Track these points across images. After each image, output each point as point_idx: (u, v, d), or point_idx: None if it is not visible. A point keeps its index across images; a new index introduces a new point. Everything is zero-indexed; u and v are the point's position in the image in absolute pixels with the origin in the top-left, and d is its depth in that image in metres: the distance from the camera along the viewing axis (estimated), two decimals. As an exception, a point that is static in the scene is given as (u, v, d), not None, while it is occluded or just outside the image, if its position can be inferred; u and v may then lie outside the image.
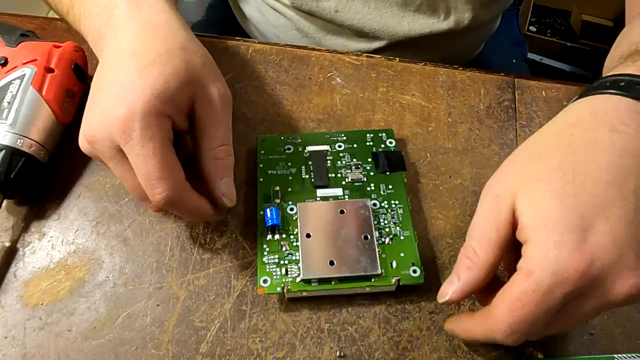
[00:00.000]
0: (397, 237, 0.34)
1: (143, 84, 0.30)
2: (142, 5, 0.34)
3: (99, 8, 0.34)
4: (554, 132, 0.28)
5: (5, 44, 0.39)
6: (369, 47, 0.54)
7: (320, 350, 0.31)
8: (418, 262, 0.32)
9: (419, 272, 0.32)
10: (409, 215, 0.34)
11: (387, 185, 0.36)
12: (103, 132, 0.30)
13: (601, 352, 0.32)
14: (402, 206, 0.35)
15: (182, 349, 0.31)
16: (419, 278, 0.32)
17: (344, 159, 0.37)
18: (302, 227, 0.33)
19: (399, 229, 0.34)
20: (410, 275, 0.32)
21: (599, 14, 1.34)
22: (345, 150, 0.38)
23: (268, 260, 0.33)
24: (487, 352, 0.31)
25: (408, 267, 0.32)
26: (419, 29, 0.52)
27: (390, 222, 0.34)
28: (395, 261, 0.33)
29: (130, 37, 0.32)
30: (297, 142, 0.38)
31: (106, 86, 0.31)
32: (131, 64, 0.30)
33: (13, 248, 0.35)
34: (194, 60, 0.32)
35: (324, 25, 0.54)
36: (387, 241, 0.33)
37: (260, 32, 0.62)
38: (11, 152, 0.34)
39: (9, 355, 0.31)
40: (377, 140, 0.38)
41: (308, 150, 0.38)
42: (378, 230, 0.34)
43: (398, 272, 0.32)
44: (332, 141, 0.38)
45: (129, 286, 0.33)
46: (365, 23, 0.51)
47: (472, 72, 0.45)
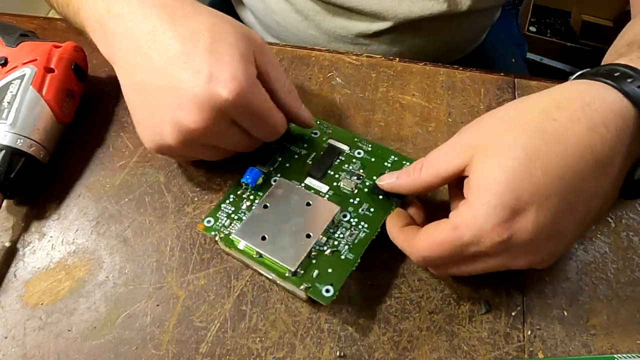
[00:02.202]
0: (338, 254, 0.32)
1: (224, 60, 0.31)
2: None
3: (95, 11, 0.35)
4: (540, 108, 0.29)
5: (5, 44, 0.39)
6: (369, 28, 0.54)
7: (320, 350, 0.31)
8: (337, 286, 0.31)
9: (332, 293, 0.30)
10: (366, 243, 0.33)
11: (370, 207, 0.34)
12: (217, 118, 0.31)
13: (601, 352, 0.32)
14: (367, 232, 0.33)
15: (182, 349, 0.31)
16: (327, 299, 0.30)
17: (352, 165, 0.37)
18: (267, 198, 0.34)
19: (346, 248, 0.32)
20: (321, 291, 0.31)
21: (599, 14, 1.34)
22: (360, 159, 0.37)
23: (224, 207, 0.35)
24: (486, 352, 0.31)
25: (325, 283, 0.31)
26: (418, 10, 0.52)
27: (344, 238, 0.33)
28: (318, 271, 0.31)
29: (157, 22, 0.32)
30: (326, 131, 0.39)
31: (183, 78, 0.30)
32: (188, 47, 0.31)
33: (13, 248, 0.35)
34: (228, 19, 0.34)
35: (324, 7, 0.54)
36: (327, 251, 0.32)
37: (260, 21, 0.62)
38: (11, 152, 0.34)
39: (9, 355, 0.31)
40: (396, 165, 0.37)
41: (328, 142, 0.38)
42: (328, 238, 0.33)
43: (313, 282, 0.31)
44: (356, 145, 0.38)
45: (129, 286, 0.33)
46: (366, 4, 0.51)
47: (472, 72, 0.45)
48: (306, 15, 0.55)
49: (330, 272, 0.32)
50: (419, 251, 0.30)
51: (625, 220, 0.37)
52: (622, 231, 0.37)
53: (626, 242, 0.36)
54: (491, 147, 0.28)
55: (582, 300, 0.34)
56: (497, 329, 0.32)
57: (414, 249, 0.30)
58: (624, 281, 0.34)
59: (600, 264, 0.35)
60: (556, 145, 0.27)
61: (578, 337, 0.32)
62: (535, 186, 0.26)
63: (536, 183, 0.26)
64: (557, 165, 0.27)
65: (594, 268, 0.35)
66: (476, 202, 0.27)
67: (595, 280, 0.34)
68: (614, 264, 0.35)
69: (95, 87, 0.42)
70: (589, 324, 0.33)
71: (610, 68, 0.29)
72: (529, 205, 0.26)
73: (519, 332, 0.32)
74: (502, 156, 0.27)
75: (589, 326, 0.33)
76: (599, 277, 0.35)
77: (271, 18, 0.59)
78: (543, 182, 0.26)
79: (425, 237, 0.30)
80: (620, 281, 0.34)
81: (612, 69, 0.29)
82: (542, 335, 0.32)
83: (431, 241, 0.29)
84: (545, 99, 0.29)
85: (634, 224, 0.37)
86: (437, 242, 0.29)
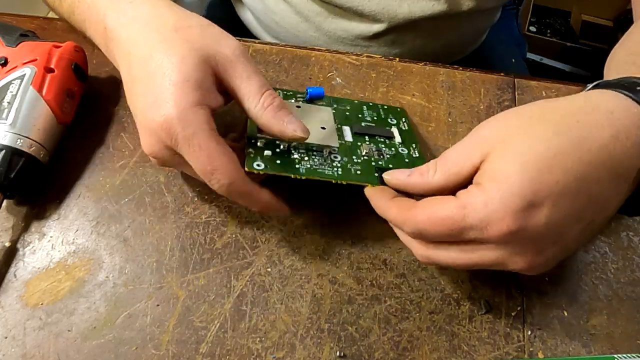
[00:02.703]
0: (295, 161, 0.33)
1: (162, 84, 0.30)
2: (124, 7, 0.34)
3: (93, 25, 0.36)
4: (564, 110, 0.28)
5: (5, 44, 0.39)
6: (369, 30, 0.54)
7: (320, 350, 0.31)
8: (267, 168, 0.32)
9: (262, 167, 0.31)
10: (321, 176, 0.33)
11: (357, 170, 0.34)
12: (155, 144, 0.31)
13: (601, 352, 0.32)
14: (332, 174, 0.33)
15: (182, 349, 0.31)
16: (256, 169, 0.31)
17: (387, 149, 0.36)
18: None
19: (306, 165, 0.33)
20: (253, 164, 0.31)
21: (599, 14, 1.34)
22: (397, 154, 0.37)
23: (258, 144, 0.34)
24: (486, 352, 0.31)
25: (257, 160, 0.32)
26: (419, 11, 0.52)
27: (314, 159, 0.34)
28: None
29: (130, 45, 0.33)
30: (403, 126, 0.40)
31: (135, 102, 0.32)
32: (142, 71, 0.31)
33: (13, 248, 0.35)
34: (192, 35, 0.32)
35: (324, 8, 0.54)
36: (296, 154, 0.33)
37: (260, 21, 0.62)
38: (11, 152, 0.34)
39: (9, 355, 0.31)
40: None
41: (391, 129, 0.39)
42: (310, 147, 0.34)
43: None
44: (409, 147, 0.38)
45: (129, 286, 0.33)
46: (365, 5, 0.51)
47: (472, 72, 0.45)
48: (306, 16, 0.55)
49: (278, 163, 0.32)
50: (416, 223, 0.28)
51: (625, 220, 0.37)
52: (622, 231, 0.37)
53: (626, 242, 0.36)
54: (512, 141, 0.27)
55: (582, 300, 0.34)
56: (497, 329, 0.32)
57: (411, 220, 0.28)
58: (624, 281, 0.34)
59: (600, 264, 0.35)
60: (579, 146, 0.26)
61: (578, 337, 0.32)
62: (554, 183, 0.26)
63: (555, 180, 0.26)
64: (578, 167, 0.26)
65: (594, 268, 0.35)
66: (491, 187, 0.26)
67: (595, 280, 0.34)
68: (614, 264, 0.35)
69: (95, 87, 0.42)
70: (589, 324, 0.33)
71: (633, 81, 0.29)
72: (545, 200, 0.26)
73: (519, 332, 0.32)
74: (523, 148, 0.27)
75: (589, 326, 0.33)
76: (599, 277, 0.35)
77: (271, 19, 0.59)
78: (562, 181, 0.26)
79: (426, 209, 0.28)
80: (620, 281, 0.34)
81: (634, 82, 0.29)
82: (542, 335, 0.32)
83: (433, 214, 0.27)
84: (568, 102, 0.29)
85: (634, 224, 0.37)
86: (439, 217, 0.27)
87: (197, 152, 0.30)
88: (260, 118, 0.32)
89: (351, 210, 0.37)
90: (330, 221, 0.36)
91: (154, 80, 0.30)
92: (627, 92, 0.29)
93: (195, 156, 0.30)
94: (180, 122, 0.29)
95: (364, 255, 0.35)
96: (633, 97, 0.28)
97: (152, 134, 0.31)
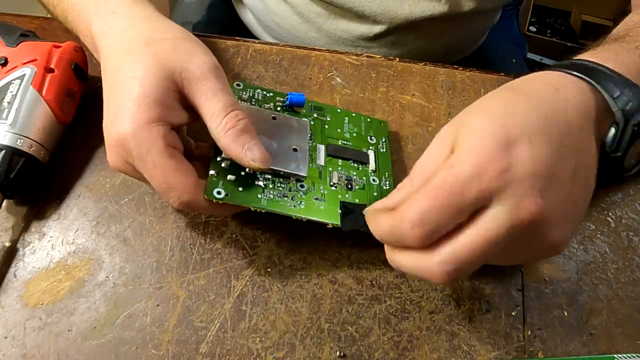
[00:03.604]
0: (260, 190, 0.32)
1: (122, 100, 0.30)
2: (107, 17, 0.34)
3: (83, 32, 0.37)
4: (511, 85, 0.30)
5: (5, 44, 0.39)
6: (370, 31, 0.54)
7: (320, 350, 0.31)
8: (227, 196, 0.31)
9: (222, 195, 0.31)
10: (281, 210, 0.32)
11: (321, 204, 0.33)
12: (116, 159, 0.31)
13: (601, 352, 0.32)
14: (294, 208, 0.33)
15: (182, 349, 0.31)
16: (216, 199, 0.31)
17: (358, 178, 0.36)
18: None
19: (268, 196, 0.32)
20: (213, 192, 0.30)
21: (599, 14, 1.34)
22: (368, 185, 0.36)
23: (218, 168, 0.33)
24: (486, 352, 0.31)
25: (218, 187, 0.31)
26: (419, 11, 0.52)
27: (279, 189, 0.33)
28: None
29: (105, 56, 0.33)
30: (381, 148, 0.39)
31: (104, 115, 0.32)
32: (110, 85, 0.32)
33: (13, 248, 0.35)
34: (162, 50, 0.32)
35: (324, 9, 0.54)
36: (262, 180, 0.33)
37: (260, 21, 0.62)
38: (11, 152, 0.34)
39: (9, 355, 0.31)
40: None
41: (368, 152, 0.38)
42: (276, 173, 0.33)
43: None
44: (381, 176, 0.37)
45: (129, 286, 0.33)
46: (366, 6, 0.51)
47: (472, 72, 0.45)
48: (307, 17, 0.55)
49: (240, 190, 0.32)
50: (414, 208, 0.26)
51: (625, 220, 0.37)
52: (622, 231, 0.37)
53: (626, 242, 0.36)
54: (469, 118, 0.28)
55: (582, 300, 0.34)
56: (497, 329, 0.32)
57: (408, 210, 0.26)
58: (624, 281, 0.34)
59: (600, 264, 0.35)
60: (531, 98, 0.28)
61: (578, 337, 0.32)
62: (523, 123, 0.27)
63: (522, 122, 0.27)
64: (537, 110, 0.27)
65: (594, 268, 0.35)
66: (467, 142, 0.26)
67: (595, 280, 0.34)
68: (614, 264, 0.35)
69: (95, 87, 0.42)
70: (589, 324, 0.33)
71: (570, 62, 0.31)
72: (520, 137, 0.26)
73: (519, 332, 0.32)
74: (482, 113, 0.28)
75: (589, 326, 0.33)
76: (599, 277, 0.35)
77: (271, 19, 0.59)
78: (528, 121, 0.27)
79: (419, 191, 0.26)
80: (620, 281, 0.34)
81: (571, 63, 0.31)
82: (542, 335, 0.32)
83: (428, 188, 0.26)
84: (510, 83, 0.31)
85: (634, 224, 0.37)
86: (435, 187, 0.25)
87: (151, 169, 0.29)
88: (220, 140, 0.31)
89: (351, 210, 0.37)
90: (330, 221, 0.36)
91: (117, 95, 0.31)
92: (561, 69, 0.31)
93: (149, 174, 0.29)
94: (134, 139, 0.29)
95: (364, 255, 0.35)
96: (567, 71, 0.30)
97: (112, 149, 0.31)
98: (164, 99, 0.30)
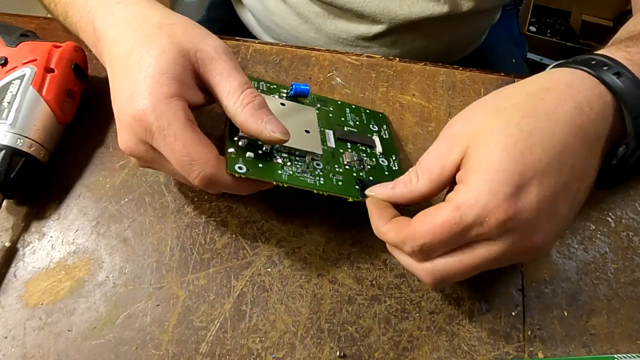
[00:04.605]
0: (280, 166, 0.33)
1: (139, 78, 0.30)
2: (112, 8, 0.34)
3: (84, 27, 0.36)
4: (526, 92, 0.29)
5: (5, 44, 0.39)
6: (369, 31, 0.54)
7: (320, 350, 0.31)
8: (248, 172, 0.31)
9: (243, 170, 0.31)
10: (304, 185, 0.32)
11: (338, 181, 0.34)
12: (131, 139, 0.31)
13: (601, 352, 0.32)
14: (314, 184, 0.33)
15: (182, 349, 0.31)
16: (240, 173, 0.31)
17: (368, 159, 0.36)
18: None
19: (288, 172, 0.32)
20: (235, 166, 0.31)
21: (599, 14, 1.34)
22: (378, 165, 0.37)
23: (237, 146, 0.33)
24: (486, 352, 0.31)
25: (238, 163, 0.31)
26: (419, 11, 0.52)
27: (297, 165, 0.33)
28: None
29: (114, 43, 0.33)
30: (383, 134, 0.39)
31: (115, 98, 0.32)
32: (122, 66, 0.31)
33: (13, 248, 0.35)
34: (175, 32, 0.32)
35: (324, 9, 0.54)
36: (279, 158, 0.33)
37: (260, 22, 0.62)
38: (11, 152, 0.34)
39: (9, 355, 0.31)
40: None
41: (373, 137, 0.38)
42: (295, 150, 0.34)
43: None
44: (389, 157, 0.38)
45: (129, 286, 0.33)
46: (366, 6, 0.51)
47: (472, 72, 0.45)
48: (306, 17, 0.55)
49: (260, 167, 0.32)
50: (416, 238, 0.28)
51: (625, 220, 0.37)
52: (622, 231, 0.37)
53: (626, 242, 0.36)
54: (485, 131, 0.28)
55: (582, 300, 0.34)
56: (497, 329, 0.32)
57: (411, 236, 0.28)
58: (624, 281, 0.34)
59: (600, 264, 0.35)
60: (549, 122, 0.27)
61: (578, 337, 0.32)
62: (537, 162, 0.26)
63: (537, 159, 0.26)
64: (553, 142, 0.27)
65: (594, 268, 0.35)
66: (477, 181, 0.27)
67: (595, 280, 0.34)
68: (614, 264, 0.35)
69: (95, 87, 0.42)
70: (589, 324, 0.33)
71: (588, 57, 0.30)
72: (531, 180, 0.26)
73: (519, 332, 0.32)
74: (499, 136, 0.27)
75: (589, 326, 0.33)
76: (599, 277, 0.35)
77: (270, 20, 0.59)
78: (543, 158, 0.26)
79: (424, 221, 0.28)
80: (620, 281, 0.34)
81: (589, 58, 0.30)
82: (542, 335, 0.32)
83: (431, 224, 0.27)
84: (529, 83, 0.30)
85: (634, 224, 0.37)
86: (437, 225, 0.27)
87: (172, 142, 0.29)
88: (238, 116, 0.31)
89: (351, 210, 0.37)
90: (330, 221, 0.36)
91: (132, 75, 0.30)
92: (582, 66, 0.30)
93: (171, 147, 0.29)
94: (154, 112, 0.29)
95: (364, 255, 0.35)
96: (588, 70, 0.29)
97: (128, 129, 0.31)
98: (182, 77, 0.31)
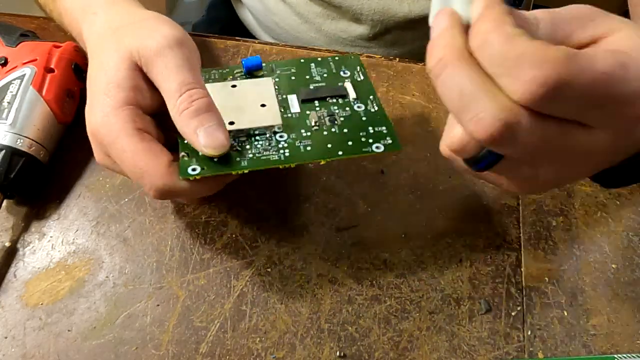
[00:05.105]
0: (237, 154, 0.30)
1: (93, 90, 0.30)
2: (89, 19, 0.34)
3: (77, 37, 0.37)
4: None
5: (5, 44, 0.39)
6: (369, 30, 0.54)
7: (320, 350, 0.31)
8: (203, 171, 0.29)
9: (197, 171, 0.29)
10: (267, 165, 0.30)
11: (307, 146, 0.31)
12: (98, 154, 0.31)
13: (601, 352, 0.32)
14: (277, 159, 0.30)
15: (182, 349, 0.31)
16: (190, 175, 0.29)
17: (340, 111, 0.34)
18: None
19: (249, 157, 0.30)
20: (187, 169, 0.29)
21: (599, 14, 1.33)
22: (355, 114, 0.34)
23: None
24: (486, 352, 0.31)
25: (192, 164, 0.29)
26: (418, 10, 0.52)
27: (257, 146, 0.31)
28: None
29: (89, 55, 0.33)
30: (358, 78, 0.36)
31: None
32: (88, 79, 0.32)
33: (13, 248, 0.35)
34: (126, 32, 0.31)
35: (324, 9, 0.54)
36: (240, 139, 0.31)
37: (260, 22, 0.62)
38: (11, 152, 0.34)
39: (9, 355, 0.31)
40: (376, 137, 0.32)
41: (345, 84, 0.35)
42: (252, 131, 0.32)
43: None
44: (366, 102, 0.34)
45: (129, 286, 0.33)
46: (365, 5, 0.51)
47: (472, 72, 0.45)
48: (306, 17, 0.55)
49: (215, 161, 0.30)
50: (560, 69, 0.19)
51: (625, 220, 0.37)
52: (622, 231, 0.37)
53: (626, 242, 0.36)
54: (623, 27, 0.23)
55: (582, 300, 0.34)
56: (497, 329, 0.32)
57: (554, 63, 0.19)
58: (624, 281, 0.34)
59: (600, 264, 0.35)
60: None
61: (578, 337, 0.32)
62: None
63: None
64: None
65: (594, 268, 0.35)
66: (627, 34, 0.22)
67: (595, 280, 0.34)
68: (614, 264, 0.35)
69: (95, 87, 0.42)
70: (589, 324, 0.33)
71: None
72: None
73: (519, 332, 0.32)
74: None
75: (589, 326, 0.33)
76: (599, 277, 0.35)
77: (270, 19, 0.59)
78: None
79: (579, 55, 0.20)
80: (620, 281, 0.34)
81: None
82: (542, 335, 0.32)
83: (587, 65, 0.20)
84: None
85: (634, 224, 0.37)
86: (597, 71, 0.20)
87: (121, 155, 0.28)
88: (176, 123, 0.29)
89: (351, 210, 0.37)
90: (330, 221, 0.36)
91: (90, 87, 0.31)
92: None
93: (121, 160, 0.28)
94: (104, 127, 0.28)
95: (364, 255, 0.35)
96: None
97: (93, 145, 0.31)
98: (130, 81, 0.29)
